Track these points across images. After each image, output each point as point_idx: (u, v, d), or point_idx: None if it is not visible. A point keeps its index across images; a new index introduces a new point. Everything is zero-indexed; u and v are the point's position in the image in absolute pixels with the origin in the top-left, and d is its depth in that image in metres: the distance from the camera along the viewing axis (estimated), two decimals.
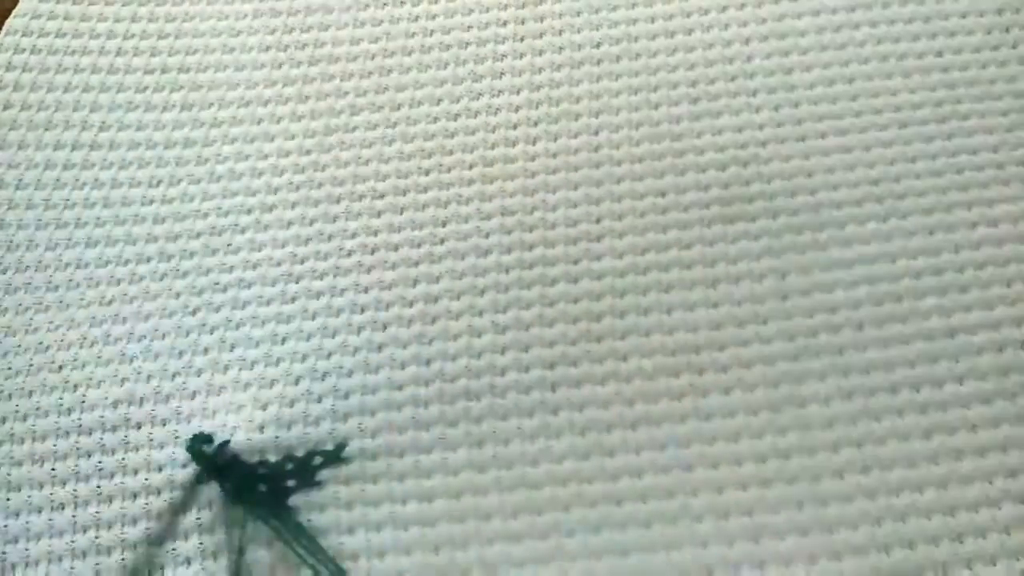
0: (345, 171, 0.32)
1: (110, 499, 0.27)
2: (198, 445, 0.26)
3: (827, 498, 0.26)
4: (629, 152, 0.31)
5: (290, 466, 0.26)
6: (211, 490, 0.26)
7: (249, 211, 0.31)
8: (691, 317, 0.28)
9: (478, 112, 0.33)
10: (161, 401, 0.28)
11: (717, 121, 0.31)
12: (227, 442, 0.26)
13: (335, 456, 0.26)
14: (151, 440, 0.27)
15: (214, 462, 0.26)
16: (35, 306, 0.30)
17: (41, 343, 0.29)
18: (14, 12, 0.36)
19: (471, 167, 0.31)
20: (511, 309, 0.29)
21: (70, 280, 0.30)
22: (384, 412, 0.27)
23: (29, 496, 0.27)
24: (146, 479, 0.27)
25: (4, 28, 0.35)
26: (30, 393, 0.28)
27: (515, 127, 0.32)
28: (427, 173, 0.31)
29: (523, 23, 0.34)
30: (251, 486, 0.26)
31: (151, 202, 0.32)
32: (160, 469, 0.27)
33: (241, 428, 0.27)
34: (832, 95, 0.32)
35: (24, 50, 0.35)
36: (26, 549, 0.26)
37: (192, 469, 0.26)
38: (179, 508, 0.26)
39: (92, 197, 0.32)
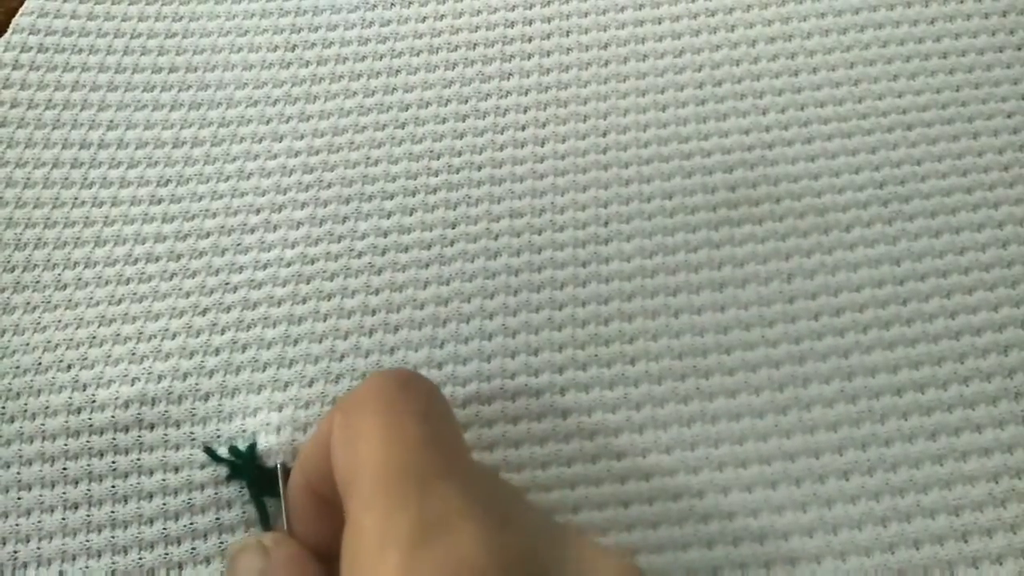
0: (355, 171, 0.32)
1: (125, 499, 0.27)
2: (234, 451, 0.27)
3: (832, 499, 0.26)
4: (637, 154, 0.31)
5: None
6: (230, 491, 0.27)
7: (259, 211, 0.31)
8: (698, 320, 0.28)
9: (487, 113, 0.33)
10: (174, 402, 0.28)
11: (724, 123, 0.32)
12: (254, 444, 0.27)
13: None
14: (166, 441, 0.27)
15: (244, 464, 0.26)
16: (44, 304, 0.30)
17: (50, 341, 0.29)
18: (21, 11, 0.36)
19: (480, 168, 0.31)
20: (521, 312, 0.29)
21: (79, 279, 0.30)
22: None
23: (41, 495, 0.27)
24: (163, 479, 0.27)
25: (11, 27, 0.35)
26: (39, 392, 0.28)
27: (523, 128, 0.32)
28: (436, 174, 0.31)
29: (531, 24, 0.34)
30: (274, 488, 0.26)
31: (160, 201, 0.32)
32: (177, 470, 0.27)
33: (259, 431, 0.27)
34: (838, 97, 0.32)
35: (31, 48, 0.35)
36: (38, 548, 0.26)
37: (211, 470, 0.27)
38: (198, 509, 0.27)
39: (101, 196, 0.32)
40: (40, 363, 0.29)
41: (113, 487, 0.27)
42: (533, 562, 0.19)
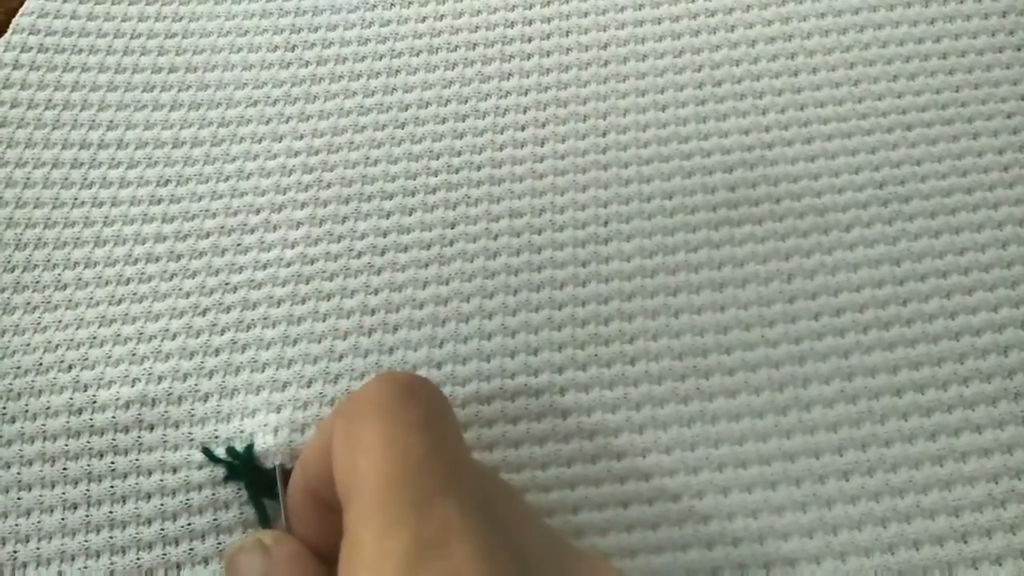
0: (354, 171, 0.32)
1: (124, 499, 0.27)
2: (231, 452, 0.27)
3: (832, 499, 0.26)
4: (636, 154, 0.31)
5: None
6: (227, 492, 0.27)
7: (259, 211, 0.31)
8: (698, 320, 0.28)
9: (486, 113, 0.33)
10: (174, 403, 0.28)
11: (724, 123, 0.32)
12: (252, 445, 0.27)
13: None
14: (165, 442, 0.27)
15: (242, 465, 0.26)
16: (44, 304, 0.30)
17: (50, 342, 0.29)
18: (21, 11, 0.36)
19: (479, 168, 0.31)
20: (520, 312, 0.29)
21: (79, 279, 0.30)
22: None
23: (41, 495, 0.27)
24: (161, 480, 0.27)
25: (11, 27, 0.35)
26: (40, 392, 0.28)
27: (523, 128, 0.32)
28: (436, 174, 0.31)
29: (530, 24, 0.34)
30: (271, 490, 0.26)
31: (160, 201, 0.32)
32: (175, 471, 0.27)
33: (257, 432, 0.27)
34: (838, 97, 0.32)
35: (31, 48, 0.35)
36: (37, 548, 0.27)
37: (208, 471, 0.27)
38: (195, 510, 0.27)
39: (101, 196, 0.32)
40: (41, 363, 0.29)
41: (112, 488, 0.27)
42: None
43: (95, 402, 0.28)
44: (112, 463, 0.27)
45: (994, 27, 0.33)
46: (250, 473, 0.26)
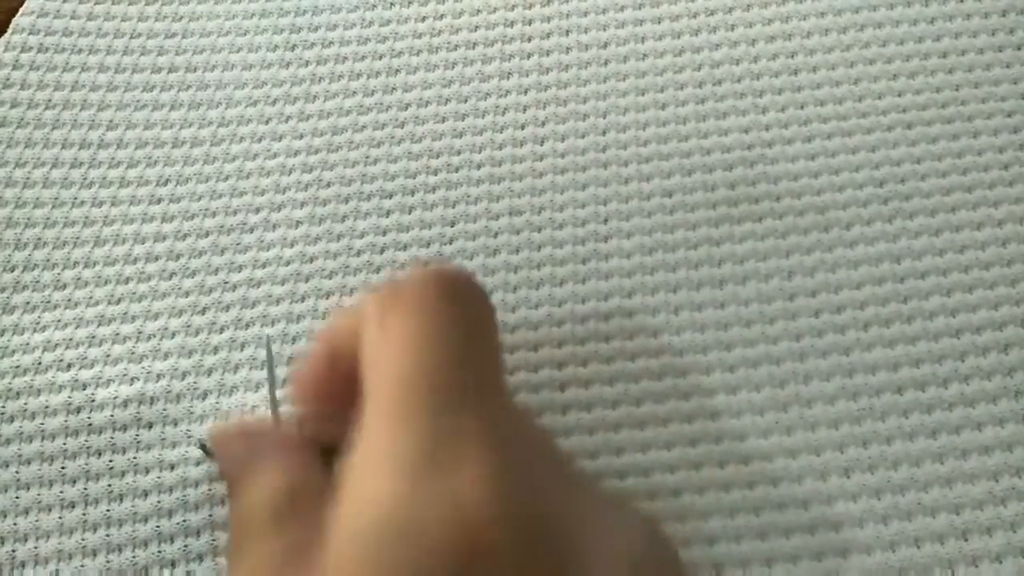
0: (354, 170, 0.32)
1: (121, 497, 0.27)
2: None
3: (833, 497, 0.26)
4: (636, 152, 0.31)
5: None
6: (222, 487, 0.26)
7: (258, 210, 0.31)
8: (698, 317, 0.28)
9: (486, 112, 0.33)
10: (172, 401, 0.28)
11: (724, 122, 0.32)
12: None
13: None
14: (163, 439, 0.27)
15: None
16: (43, 304, 0.30)
17: (49, 341, 0.29)
18: (21, 10, 0.36)
19: (479, 167, 0.31)
20: (520, 309, 0.29)
21: (79, 278, 0.30)
22: None
23: (39, 494, 0.27)
24: (158, 477, 0.27)
25: (11, 27, 0.35)
26: (39, 391, 0.28)
27: (523, 127, 0.32)
28: (435, 173, 0.31)
29: (530, 23, 0.34)
30: None
31: (159, 200, 0.32)
32: (172, 468, 0.27)
33: None
34: (838, 96, 0.32)
35: (31, 48, 0.35)
36: (35, 547, 0.26)
37: (205, 467, 0.27)
38: (191, 506, 0.26)
39: (100, 195, 0.32)
40: (40, 363, 0.29)
41: (109, 486, 0.27)
42: (543, 519, 0.17)
43: (93, 401, 0.28)
44: (110, 461, 0.27)
45: (994, 26, 0.33)
46: None
